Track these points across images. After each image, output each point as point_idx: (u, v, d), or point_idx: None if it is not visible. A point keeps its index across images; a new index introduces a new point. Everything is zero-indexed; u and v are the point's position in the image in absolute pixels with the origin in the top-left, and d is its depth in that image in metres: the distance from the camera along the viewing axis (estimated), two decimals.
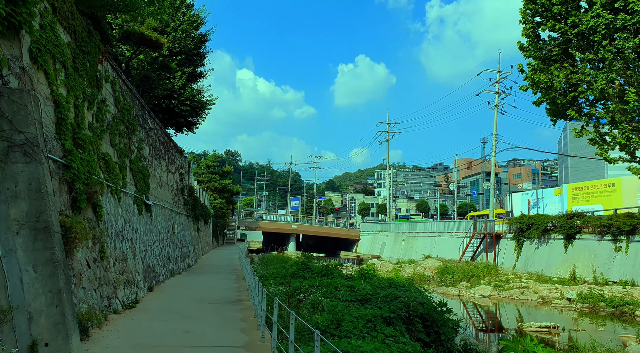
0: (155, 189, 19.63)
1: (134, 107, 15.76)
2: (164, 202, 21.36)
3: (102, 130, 12.33)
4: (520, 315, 24.53)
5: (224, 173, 58.97)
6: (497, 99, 46.94)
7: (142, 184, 16.73)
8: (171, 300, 13.77)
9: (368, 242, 69.83)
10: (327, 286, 15.06)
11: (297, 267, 19.42)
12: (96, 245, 10.73)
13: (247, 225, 71.39)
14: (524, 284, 32.49)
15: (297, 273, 18.56)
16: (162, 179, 21.08)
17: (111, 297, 11.18)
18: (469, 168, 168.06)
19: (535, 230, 37.91)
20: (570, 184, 64.37)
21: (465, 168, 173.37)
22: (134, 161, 15.78)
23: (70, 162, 9.42)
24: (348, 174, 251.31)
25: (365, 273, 18.35)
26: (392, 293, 14.06)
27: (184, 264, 24.36)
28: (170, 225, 22.24)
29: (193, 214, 30.20)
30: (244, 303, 13.64)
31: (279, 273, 19.85)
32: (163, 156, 21.39)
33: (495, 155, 46.60)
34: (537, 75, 27.28)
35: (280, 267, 23.03)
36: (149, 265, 16.41)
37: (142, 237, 15.99)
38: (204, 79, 25.29)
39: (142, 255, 15.61)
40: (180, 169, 26.11)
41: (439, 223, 55.02)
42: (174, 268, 21.39)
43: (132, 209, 15.24)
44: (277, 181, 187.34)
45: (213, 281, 19.36)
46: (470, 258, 45.09)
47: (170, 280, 19.22)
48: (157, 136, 20.01)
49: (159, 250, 18.66)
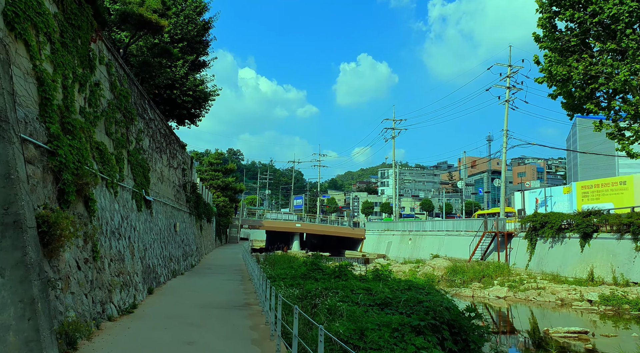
0: (156, 184, 18.43)
1: (132, 95, 14.55)
2: (165, 198, 20.16)
3: (96, 117, 11.12)
4: (542, 318, 23.28)
5: (227, 171, 57.74)
6: (507, 94, 45.61)
7: (141, 178, 15.53)
8: (173, 304, 12.56)
9: (373, 241, 68.58)
10: (342, 289, 13.82)
11: (307, 268, 18.18)
12: (88, 244, 9.52)
13: (251, 223, 70.18)
14: (540, 285, 31.23)
15: (308, 274, 17.33)
16: (163, 174, 19.88)
17: (105, 302, 9.97)
18: (474, 167, 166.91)
19: (550, 229, 36.59)
20: (579, 182, 63.01)
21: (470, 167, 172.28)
22: (133, 153, 14.57)
23: (56, 148, 8.21)
24: (350, 173, 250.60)
25: (380, 274, 17.13)
26: (414, 296, 12.82)
27: (186, 264, 23.16)
28: (172, 223, 21.03)
29: (196, 212, 28.99)
30: (252, 307, 12.42)
31: (288, 273, 18.62)
32: (164, 149, 20.18)
33: (506, 151, 45.25)
34: (554, 67, 26.03)
35: (288, 267, 21.81)
36: (149, 266, 15.20)
37: (141, 235, 14.80)
38: (207, 68, 24.05)
39: (142, 254, 14.40)
40: (182, 164, 24.90)
41: (447, 222, 53.74)
42: (176, 269, 20.19)
43: (131, 205, 14.04)
44: (279, 180, 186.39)
45: (218, 282, 18.16)
46: (480, 257, 43.83)
47: (172, 281, 18.02)
48: (158, 127, 18.81)
49: (159, 249, 17.46)
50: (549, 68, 26.38)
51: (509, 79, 45.51)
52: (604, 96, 26.19)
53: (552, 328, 17.72)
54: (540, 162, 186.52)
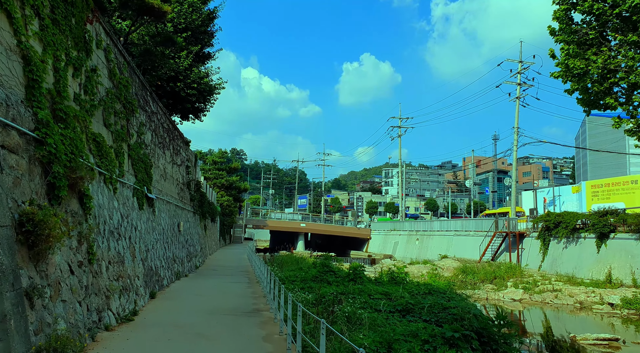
0: (159, 181, 17.47)
1: (132, 85, 13.57)
2: (168, 196, 19.20)
3: (93, 105, 10.14)
4: (564, 323, 22.20)
5: (231, 170, 56.78)
6: (518, 91, 44.50)
7: (143, 174, 14.56)
8: (177, 310, 11.57)
9: (379, 241, 67.53)
10: (359, 293, 12.81)
11: (317, 270, 17.17)
12: (82, 245, 8.54)
13: (255, 223, 69.21)
14: (555, 287, 30.16)
15: (319, 276, 16.33)
16: (166, 171, 18.91)
17: (102, 310, 8.98)
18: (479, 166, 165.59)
19: (564, 229, 35.45)
20: (589, 181, 61.83)
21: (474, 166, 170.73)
22: (134, 148, 13.60)
23: (45, 137, 7.22)
24: (354, 173, 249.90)
25: (396, 276, 16.12)
26: (438, 302, 11.79)
27: (190, 265, 22.19)
28: (175, 222, 20.07)
29: (200, 211, 28.02)
30: (263, 314, 11.42)
31: (298, 276, 17.62)
32: (167, 145, 19.21)
33: (516, 149, 44.16)
34: (571, 60, 24.98)
35: (297, 269, 20.81)
36: (151, 268, 14.23)
37: (143, 235, 13.82)
38: (212, 60, 23.03)
39: (143, 256, 13.43)
40: (186, 161, 23.94)
41: (455, 222, 52.65)
42: (180, 270, 19.23)
43: (131, 203, 13.07)
44: (282, 180, 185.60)
45: (224, 285, 17.18)
46: (490, 258, 42.72)
47: (175, 284, 17.05)
48: (161, 122, 17.84)
49: (162, 250, 16.49)
50: (565, 62, 25.32)
51: (519, 76, 44.39)
52: (622, 91, 25.14)
53: (579, 334, 16.66)
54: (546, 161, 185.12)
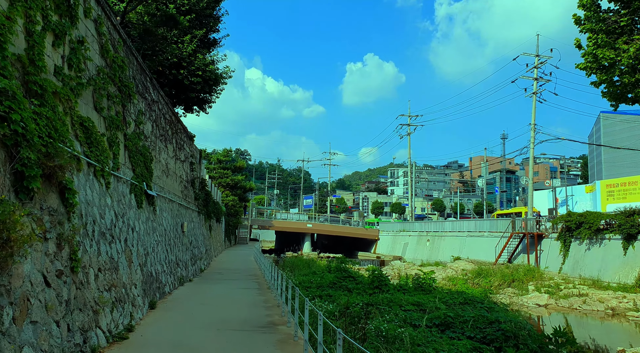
0: (160, 178, 15.89)
1: (129, 67, 11.99)
2: (171, 194, 17.62)
3: (80, 84, 8.56)
4: (603, 333, 20.49)
5: (236, 169, 55.19)
6: (535, 86, 42.72)
7: (142, 169, 12.98)
8: (180, 325, 9.96)
9: (388, 242, 65.81)
10: (388, 303, 11.18)
11: (335, 275, 15.53)
12: (63, 250, 6.95)
13: (260, 223, 67.62)
14: (581, 291, 28.44)
15: (337, 282, 14.70)
16: (168, 167, 17.33)
17: (88, 329, 7.39)
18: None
19: (587, 230, 33.67)
20: (604, 180, 59.97)
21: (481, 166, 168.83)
22: (131, 138, 12.02)
23: (9, 112, 5.64)
24: (358, 173, 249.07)
25: (422, 283, 14.48)
26: (481, 315, 10.13)
27: (195, 269, 20.61)
28: (178, 222, 18.49)
29: (205, 210, 26.44)
30: (279, 329, 9.80)
31: (312, 281, 15.99)
32: (170, 138, 17.64)
33: (533, 147, 42.37)
34: (599, 50, 23.25)
35: (310, 273, 19.19)
36: (151, 274, 12.64)
37: (141, 237, 12.24)
38: (218, 47, 21.42)
39: (142, 260, 11.84)
40: (190, 157, 22.38)
41: (468, 222, 50.90)
42: (184, 275, 17.64)
43: (128, 200, 11.48)
44: (287, 180, 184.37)
45: (232, 291, 15.56)
46: (507, 260, 40.97)
47: (179, 290, 15.45)
48: (162, 112, 16.26)
49: (164, 253, 14.90)
50: (593, 51, 23.56)
51: (536, 70, 42.62)
52: None
53: (629, 349, 14.96)
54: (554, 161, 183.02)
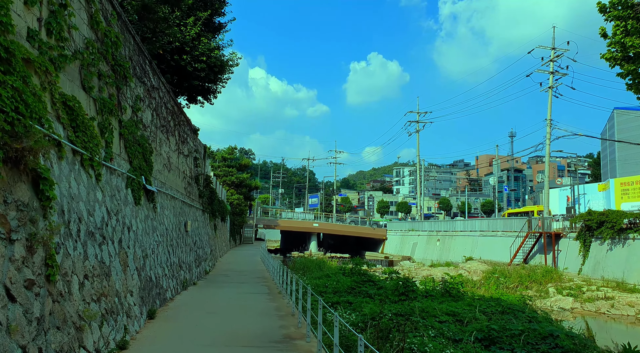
0: (161, 172, 14.53)
1: (125, 45, 10.62)
2: (173, 191, 16.25)
3: (63, 56, 7.19)
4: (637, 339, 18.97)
5: (241, 167, 53.83)
6: (551, 80, 41.15)
7: (140, 161, 11.61)
8: (182, 339, 8.58)
9: (396, 242, 64.34)
10: (420, 314, 9.76)
11: (353, 279, 14.11)
12: (36, 253, 5.57)
13: (266, 223, 66.28)
14: (607, 294, 26.96)
15: (356, 287, 13.29)
16: (170, 161, 15.97)
17: (69, 351, 6.00)
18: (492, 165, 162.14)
19: (609, 229, 32.11)
20: (618, 178, 58.34)
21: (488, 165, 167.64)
22: (128, 126, 10.65)
23: None
24: (362, 172, 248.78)
25: (450, 288, 13.05)
26: (530, 328, 8.70)
27: (199, 271, 19.24)
28: (182, 221, 17.12)
29: (210, 209, 25.07)
30: (297, 345, 8.39)
31: (328, 285, 14.56)
32: (172, 130, 16.27)
33: (549, 143, 40.80)
34: (629, 39, 21.71)
35: (323, 276, 17.77)
36: (150, 278, 11.27)
37: (139, 237, 10.87)
38: (224, 33, 19.92)
39: (139, 264, 10.46)
40: (194, 152, 21.02)
41: (481, 221, 49.41)
42: (187, 278, 16.26)
43: (124, 196, 10.11)
44: (291, 179, 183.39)
45: (240, 297, 14.18)
46: (522, 260, 39.47)
47: (182, 295, 14.08)
48: (164, 100, 14.90)
49: (165, 255, 13.53)
50: (621, 40, 22.08)
51: (552, 64, 41.05)
52: None
53: None
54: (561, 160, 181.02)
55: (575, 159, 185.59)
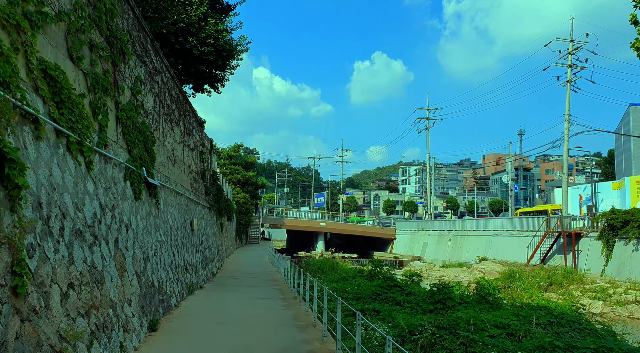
0: (165, 165, 13.17)
1: (123, 18, 9.25)
2: (178, 186, 14.89)
3: (43, 13, 5.82)
4: None
5: (247, 164, 52.51)
6: (569, 73, 39.57)
7: (141, 151, 10.25)
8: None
9: (406, 241, 62.85)
10: (466, 326, 8.35)
11: (378, 284, 12.70)
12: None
13: (272, 222, 64.92)
14: (637, 297, 25.45)
15: (381, 293, 11.88)
16: (175, 154, 14.61)
17: None
18: (499, 164, 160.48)
19: (636, 228, 30.53)
20: (634, 176, 56.63)
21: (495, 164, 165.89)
22: (126, 109, 9.28)
23: None
24: (367, 171, 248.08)
25: (485, 294, 11.63)
26: (603, 346, 7.28)
27: (206, 272, 17.89)
28: (187, 219, 15.76)
29: (217, 207, 23.72)
30: None
31: (349, 290, 13.15)
32: (176, 120, 14.91)
33: (568, 139, 39.22)
34: None
35: (340, 279, 16.35)
36: (152, 283, 9.90)
37: (139, 237, 9.51)
38: (233, 16, 18.37)
39: (139, 267, 9.10)
40: (200, 146, 19.67)
41: (494, 220, 47.86)
42: (193, 281, 14.90)
43: (121, 189, 8.75)
44: (295, 179, 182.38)
45: (252, 303, 12.80)
46: (539, 261, 37.93)
47: (188, 301, 12.71)
48: (168, 86, 13.54)
49: (170, 257, 12.18)
50: None
51: (570, 57, 39.46)
52: None
53: None
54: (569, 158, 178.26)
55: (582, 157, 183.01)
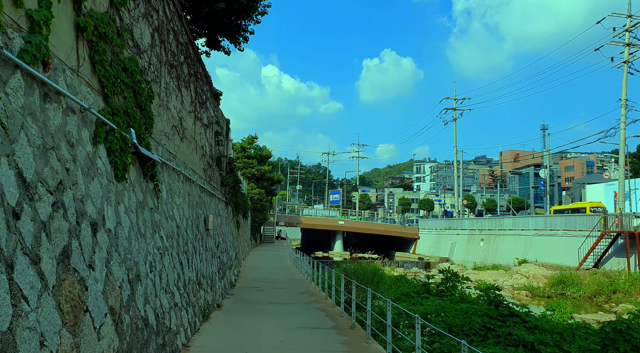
0: (170, 137, 9.15)
1: None
2: (188, 170, 10.86)
3: None
4: None
5: (262, 158, 48.52)
6: (626, 53, 35.05)
7: (128, 102, 6.25)
8: None
9: (431, 241, 58.56)
10: None
11: (485, 312, 8.56)
12: None
13: (287, 220, 60.99)
14: None
15: (493, 327, 7.81)
16: (183, 125, 10.57)
17: None
18: (516, 161, 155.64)
19: None
20: None
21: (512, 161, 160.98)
22: (98, 21, 5.27)
23: None
24: (377, 170, 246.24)
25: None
26: None
27: (224, 284, 13.87)
28: (201, 215, 11.70)
29: (234, 201, 19.69)
30: None
31: (430, 317, 9.03)
32: (186, 80, 10.88)
33: (625, 127, 34.76)
34: None
35: (402, 295, 12.21)
36: (145, 321, 5.88)
37: (122, 243, 5.50)
38: None
39: (119, 299, 5.07)
40: (215, 125, 15.68)
41: (536, 218, 43.48)
42: (209, 300, 10.87)
43: (84, 156, 4.75)
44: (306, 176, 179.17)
45: (295, 337, 8.75)
46: (593, 264, 33.57)
47: (202, 335, 8.68)
48: (173, 26, 9.52)
49: (176, 271, 8.15)
50: None
51: (627, 34, 34.99)
52: None
53: None
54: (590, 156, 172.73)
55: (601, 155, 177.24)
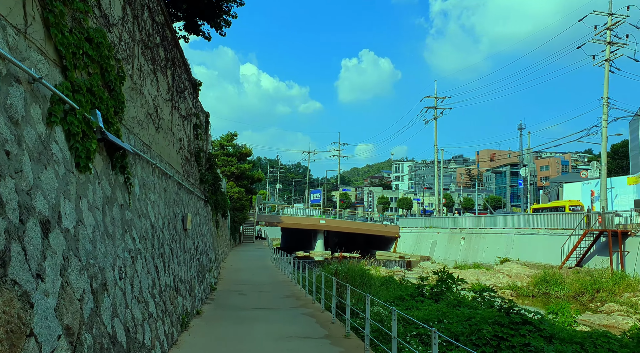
0: (144, 126, 8.15)
1: None
2: (164, 163, 9.85)
3: None
4: None
5: (242, 156, 47.34)
6: (607, 51, 35.11)
7: (95, 80, 5.28)
8: None
9: (411, 240, 58.22)
10: None
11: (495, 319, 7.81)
12: None
13: (267, 219, 59.87)
14: None
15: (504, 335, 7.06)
16: (159, 114, 9.56)
17: None
18: (493, 160, 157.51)
19: None
20: None
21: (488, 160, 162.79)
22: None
23: None
24: (356, 169, 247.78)
25: None
26: None
27: (203, 288, 12.88)
28: (178, 213, 10.69)
29: (213, 199, 18.64)
30: None
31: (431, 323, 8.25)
32: (162, 64, 9.87)
33: (607, 125, 34.82)
34: None
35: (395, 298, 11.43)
36: (112, 338, 4.93)
37: (85, 245, 4.54)
38: None
39: (79, 314, 4.14)
40: (194, 117, 14.66)
41: (517, 217, 43.40)
42: (188, 307, 9.88)
43: (33, 137, 3.79)
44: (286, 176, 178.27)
45: (282, 346, 7.87)
46: (575, 263, 33.55)
47: (180, 348, 7.71)
48: (148, 4, 8.52)
49: (151, 276, 7.18)
50: None
51: (609, 32, 35.05)
52: None
53: None
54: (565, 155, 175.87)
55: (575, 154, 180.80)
